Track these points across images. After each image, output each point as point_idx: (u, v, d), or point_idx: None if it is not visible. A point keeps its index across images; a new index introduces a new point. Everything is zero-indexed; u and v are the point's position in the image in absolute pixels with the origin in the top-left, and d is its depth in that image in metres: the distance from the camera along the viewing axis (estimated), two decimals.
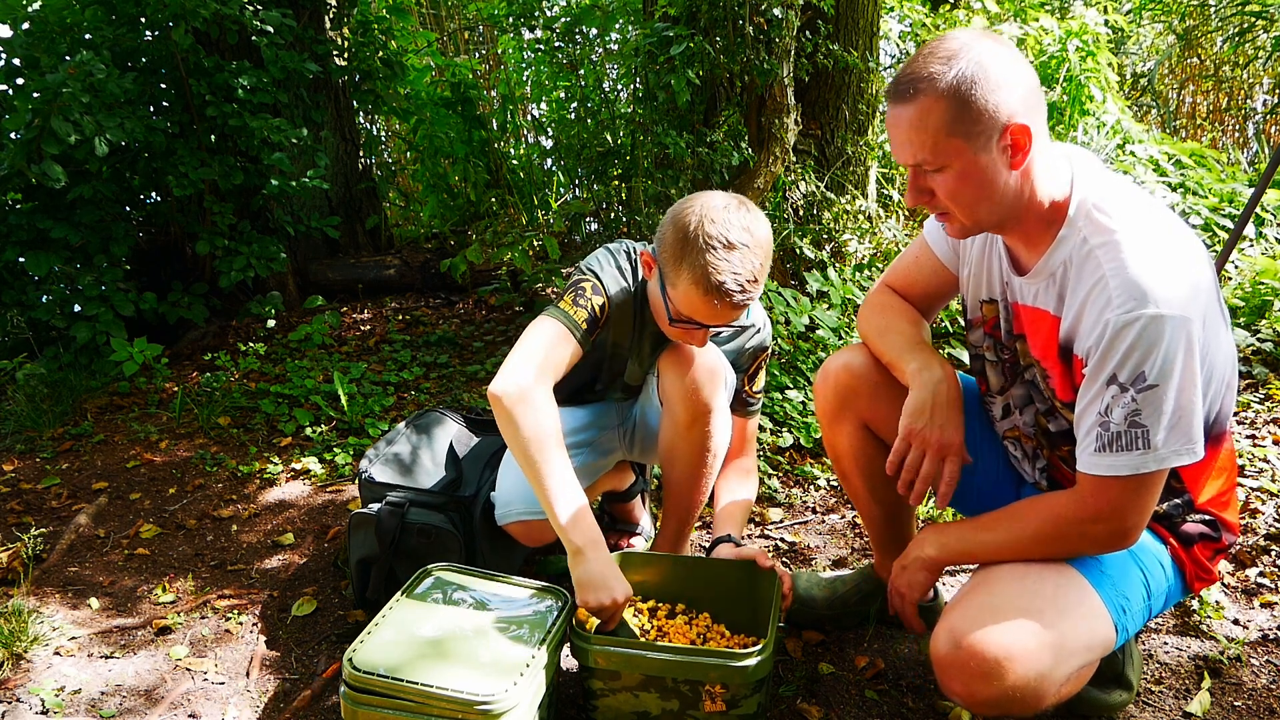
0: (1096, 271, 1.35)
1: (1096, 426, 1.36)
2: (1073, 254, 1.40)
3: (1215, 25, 6.78)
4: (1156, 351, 1.29)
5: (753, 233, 1.67)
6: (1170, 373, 1.30)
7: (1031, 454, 1.67)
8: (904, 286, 1.78)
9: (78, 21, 3.59)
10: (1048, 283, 1.45)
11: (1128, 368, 1.31)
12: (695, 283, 1.65)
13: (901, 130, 1.36)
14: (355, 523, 2.07)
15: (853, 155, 3.95)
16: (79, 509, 2.64)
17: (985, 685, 1.36)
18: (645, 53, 3.39)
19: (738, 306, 1.68)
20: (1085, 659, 1.44)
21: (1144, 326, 1.28)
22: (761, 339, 2.03)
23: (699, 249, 1.64)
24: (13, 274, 3.51)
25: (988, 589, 1.46)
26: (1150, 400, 1.31)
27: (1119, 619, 1.46)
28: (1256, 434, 2.89)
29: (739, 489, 2.05)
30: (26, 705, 1.83)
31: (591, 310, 1.81)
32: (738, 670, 1.56)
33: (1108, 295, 1.32)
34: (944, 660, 1.41)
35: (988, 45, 1.33)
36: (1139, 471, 1.35)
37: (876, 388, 1.73)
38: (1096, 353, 1.34)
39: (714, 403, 1.90)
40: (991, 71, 1.31)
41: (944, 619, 1.44)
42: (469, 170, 4.54)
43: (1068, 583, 1.45)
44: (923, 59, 1.34)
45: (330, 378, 3.40)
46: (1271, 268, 3.67)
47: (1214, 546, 1.57)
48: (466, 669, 1.52)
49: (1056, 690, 1.41)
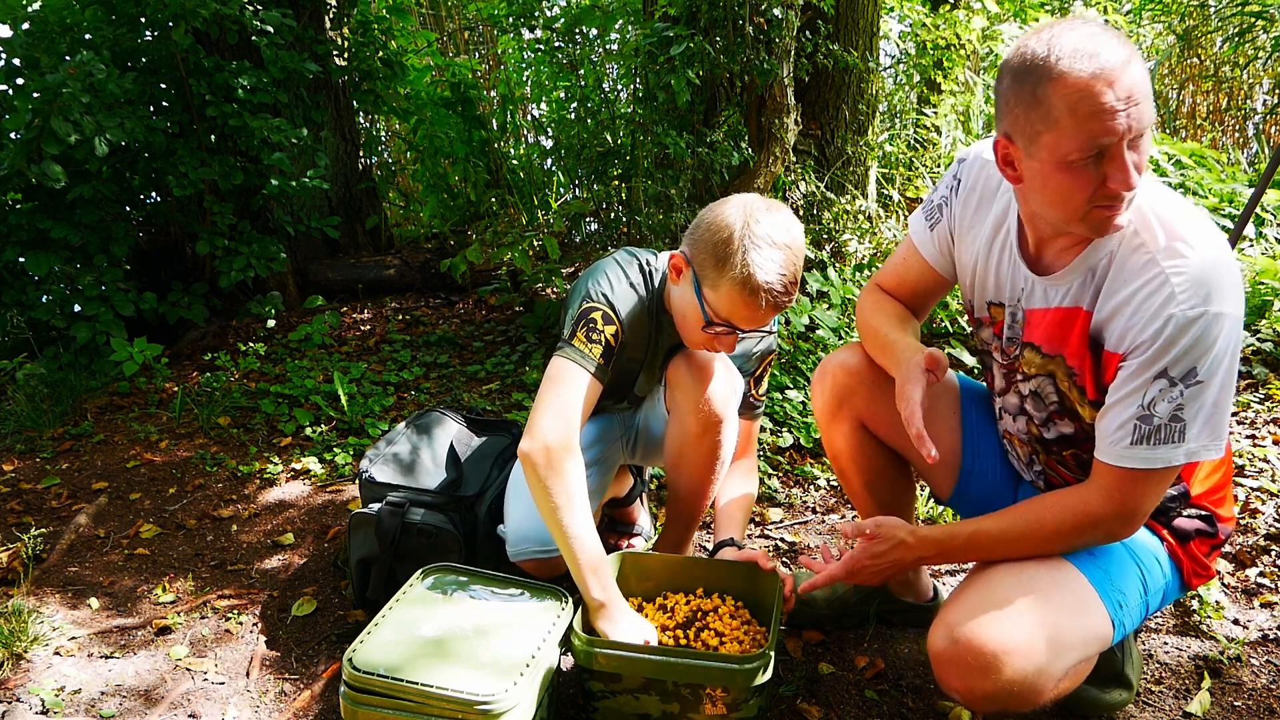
0: (1153, 267, 1.33)
1: (1135, 419, 1.36)
2: (1119, 247, 1.38)
3: (1215, 25, 6.78)
4: (1214, 349, 1.30)
5: (793, 234, 1.67)
6: (1218, 370, 1.32)
7: (1027, 459, 1.68)
8: (894, 286, 1.78)
9: (78, 21, 3.60)
10: (1085, 278, 1.42)
11: (1183, 363, 1.31)
12: (741, 283, 1.63)
13: (1137, 89, 1.23)
14: (355, 523, 2.07)
15: (853, 155, 3.95)
16: (79, 509, 2.64)
17: (982, 679, 1.36)
18: (645, 53, 3.39)
19: (779, 308, 1.68)
20: (1082, 654, 1.44)
21: (1208, 324, 1.29)
22: (770, 343, 2.03)
23: (745, 248, 1.63)
24: (13, 274, 3.51)
25: (984, 585, 1.46)
26: (1194, 396, 1.32)
27: (1116, 614, 1.46)
28: (1256, 434, 2.89)
29: (740, 489, 2.04)
30: (26, 705, 1.83)
31: (606, 342, 1.77)
32: (739, 674, 1.56)
33: (1169, 291, 1.31)
34: (941, 655, 1.41)
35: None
36: (1169, 465, 1.36)
37: (873, 386, 1.73)
38: (1151, 347, 1.33)
39: (725, 413, 1.89)
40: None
41: (941, 614, 1.45)
42: (469, 170, 4.54)
43: (1065, 578, 1.45)
44: (1073, 32, 1.26)
45: (330, 378, 3.40)
46: (1271, 268, 3.67)
47: (1211, 542, 1.58)
48: (466, 669, 1.52)
49: (1054, 685, 1.41)
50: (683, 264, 1.75)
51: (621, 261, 1.87)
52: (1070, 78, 1.24)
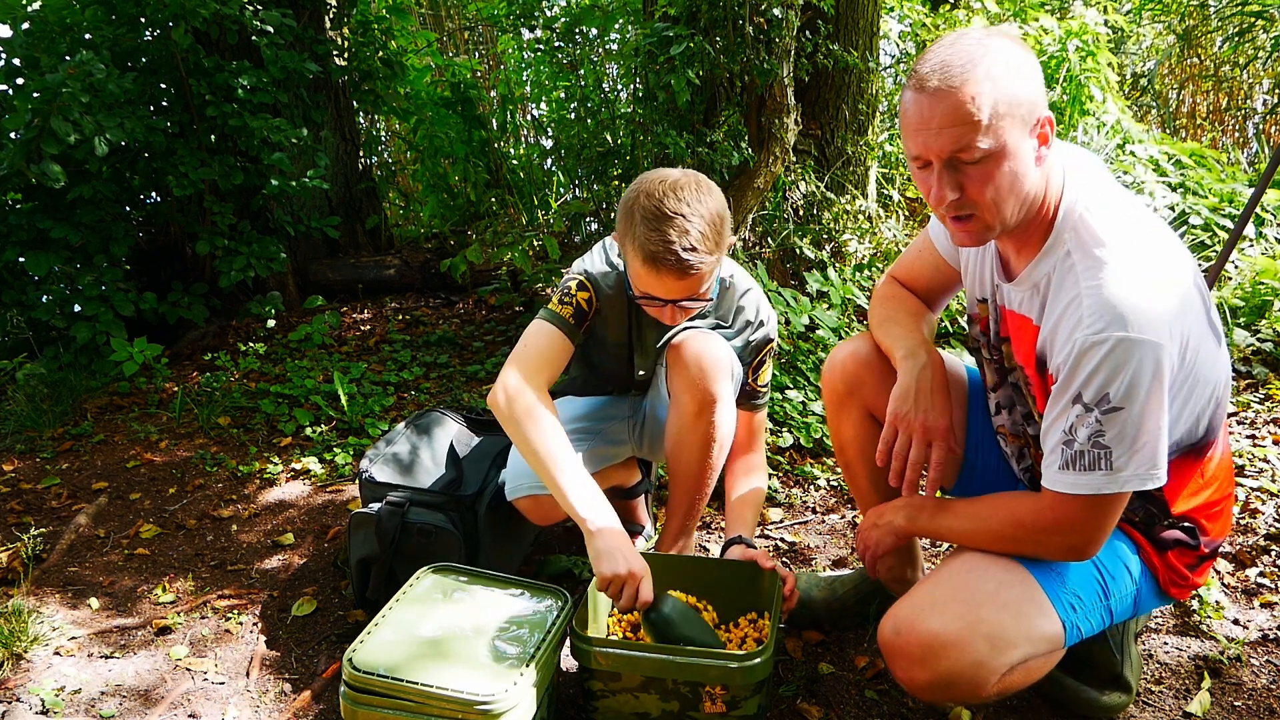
0: (1074, 288, 1.34)
1: (1060, 444, 1.37)
2: (1056, 266, 1.40)
3: (1215, 25, 6.78)
4: (1123, 374, 1.28)
5: (689, 202, 1.70)
6: (1135, 396, 1.29)
7: (1017, 453, 1.68)
8: (908, 279, 1.80)
9: (78, 21, 3.59)
10: (1031, 292, 1.45)
11: (1092, 388, 1.31)
12: (639, 257, 1.71)
13: (944, 116, 1.29)
14: (355, 523, 2.07)
15: (853, 155, 3.95)
16: (79, 509, 2.65)
17: (921, 669, 1.44)
18: (645, 53, 3.39)
19: (683, 275, 1.70)
20: (1029, 652, 1.46)
21: (1111, 348, 1.28)
22: (765, 332, 2.04)
23: (636, 222, 1.70)
24: (13, 274, 3.51)
25: (935, 581, 1.51)
26: (1114, 422, 1.31)
27: (1067, 615, 1.48)
28: (1256, 434, 2.89)
29: (748, 486, 2.04)
30: (26, 705, 1.83)
31: (578, 305, 1.89)
32: (738, 671, 1.56)
33: (1079, 314, 1.32)
34: (887, 646, 1.49)
35: (1002, 39, 1.34)
36: (1099, 493, 1.36)
37: (882, 377, 1.74)
38: (1064, 370, 1.34)
39: (719, 392, 1.91)
40: (1019, 60, 1.32)
41: (892, 609, 1.52)
42: (469, 170, 4.54)
43: (1012, 578, 1.47)
44: (949, 49, 1.31)
45: (330, 378, 3.40)
46: (1271, 268, 3.66)
47: (1193, 554, 1.57)
48: (466, 669, 1.52)
49: (998, 679, 1.44)
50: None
51: (607, 243, 1.98)
52: (905, 88, 1.36)
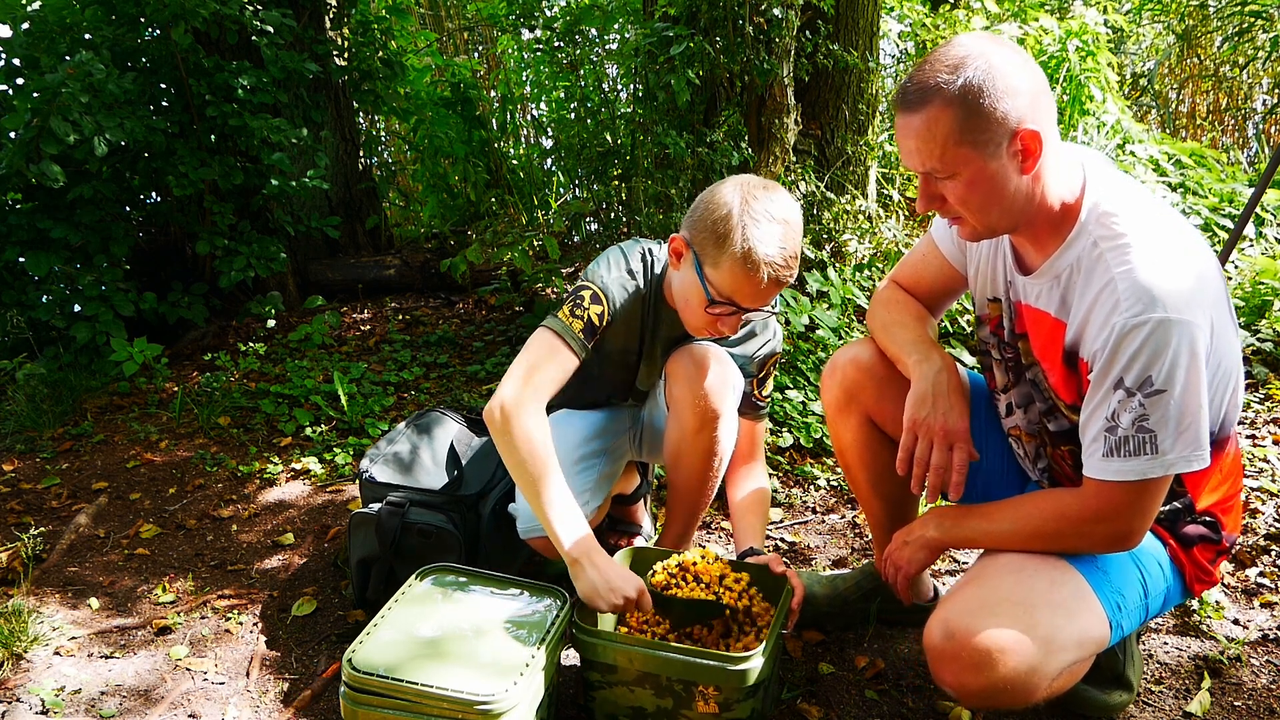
0: (1105, 275, 1.35)
1: (1104, 431, 1.36)
2: (1081, 257, 1.40)
3: (1215, 25, 6.78)
4: (1165, 356, 1.29)
5: (790, 210, 1.70)
6: (1176, 377, 1.30)
7: (1033, 453, 1.67)
8: (911, 283, 1.80)
9: (77, 21, 3.59)
10: (1051, 284, 1.46)
11: (1134, 372, 1.31)
12: (743, 258, 1.65)
13: (910, 139, 1.36)
14: (355, 523, 2.07)
15: (853, 155, 3.95)
16: (79, 509, 2.64)
17: (975, 676, 1.37)
18: (645, 53, 3.39)
19: (780, 283, 1.69)
20: (1078, 655, 1.44)
21: (1152, 330, 1.29)
22: (773, 346, 2.03)
23: (744, 223, 1.65)
24: (13, 274, 3.50)
25: (982, 582, 1.47)
26: (1157, 405, 1.31)
27: (1114, 616, 1.47)
28: (1256, 434, 2.89)
29: (753, 497, 2.02)
30: (26, 705, 1.83)
31: (589, 319, 1.80)
32: (732, 674, 1.56)
33: (1116, 298, 1.32)
34: (936, 651, 1.42)
35: (995, 50, 1.33)
36: (1145, 477, 1.35)
37: (883, 382, 1.74)
38: (1103, 356, 1.34)
39: (722, 409, 1.89)
40: (999, 78, 1.31)
41: (938, 610, 1.46)
42: (469, 170, 4.53)
43: (1063, 578, 1.45)
44: (930, 66, 1.34)
45: (330, 378, 3.40)
46: (1271, 268, 3.67)
47: (1215, 549, 1.57)
48: (466, 669, 1.52)
49: (1048, 684, 1.41)
50: (683, 246, 1.76)
51: (625, 248, 1.91)
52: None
